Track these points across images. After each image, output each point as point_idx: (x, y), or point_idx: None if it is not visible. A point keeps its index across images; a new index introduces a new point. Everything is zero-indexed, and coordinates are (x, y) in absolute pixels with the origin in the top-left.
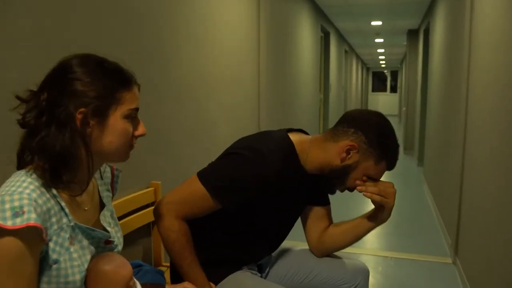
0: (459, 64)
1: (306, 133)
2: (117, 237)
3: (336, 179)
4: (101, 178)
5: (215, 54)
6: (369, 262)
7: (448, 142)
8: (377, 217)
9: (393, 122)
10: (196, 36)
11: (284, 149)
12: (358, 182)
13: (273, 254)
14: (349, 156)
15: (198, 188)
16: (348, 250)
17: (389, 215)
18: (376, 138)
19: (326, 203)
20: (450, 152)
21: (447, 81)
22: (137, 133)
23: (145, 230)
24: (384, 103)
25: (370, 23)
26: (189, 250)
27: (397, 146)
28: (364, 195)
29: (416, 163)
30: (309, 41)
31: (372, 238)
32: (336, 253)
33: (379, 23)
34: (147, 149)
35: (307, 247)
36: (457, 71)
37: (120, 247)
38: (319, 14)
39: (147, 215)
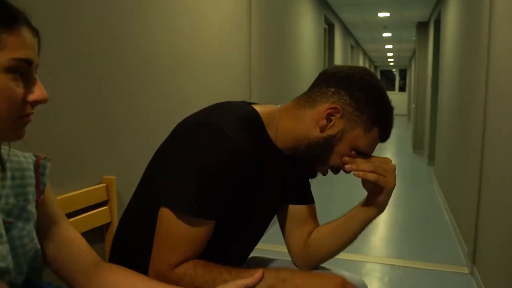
0: (476, 55)
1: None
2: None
3: (316, 156)
4: (2, 169)
5: (197, 35)
6: (375, 271)
7: (464, 139)
8: (372, 203)
9: (402, 121)
10: (171, 12)
11: (246, 120)
12: (345, 158)
13: (250, 265)
14: (331, 123)
15: (175, 222)
16: (349, 257)
17: (388, 199)
18: (365, 98)
19: (309, 201)
20: (466, 150)
21: (462, 74)
22: (31, 97)
23: (97, 234)
24: (392, 102)
25: (377, 14)
26: (213, 268)
27: (391, 108)
28: (355, 174)
29: (426, 162)
30: (310, 32)
31: (378, 244)
32: (328, 264)
33: (387, 14)
34: (100, 137)
35: (288, 257)
36: (474, 63)
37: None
38: (322, 3)
39: (99, 216)
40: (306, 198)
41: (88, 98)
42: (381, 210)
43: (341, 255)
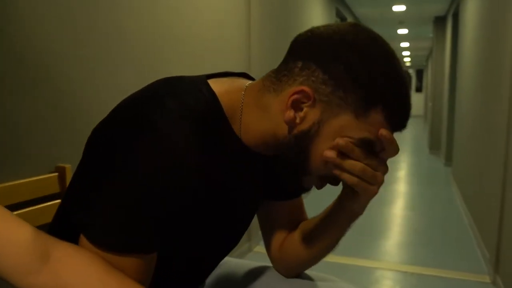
0: (499, 50)
1: (251, 78)
2: None
3: (291, 165)
4: None
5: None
6: (385, 279)
7: (486, 138)
8: (345, 206)
9: (418, 123)
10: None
11: (202, 112)
12: (327, 153)
13: (221, 273)
14: (302, 114)
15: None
16: (357, 262)
17: (365, 205)
18: (347, 70)
19: (292, 195)
20: (488, 149)
21: (484, 71)
22: None
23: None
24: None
25: (392, 8)
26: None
27: (403, 76)
28: (334, 172)
29: (443, 162)
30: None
31: (390, 249)
32: (328, 271)
33: (403, 8)
34: (54, 118)
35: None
36: (496, 58)
37: None
38: None
39: (51, 210)
40: (287, 193)
41: (43, 72)
42: (355, 216)
43: (348, 260)
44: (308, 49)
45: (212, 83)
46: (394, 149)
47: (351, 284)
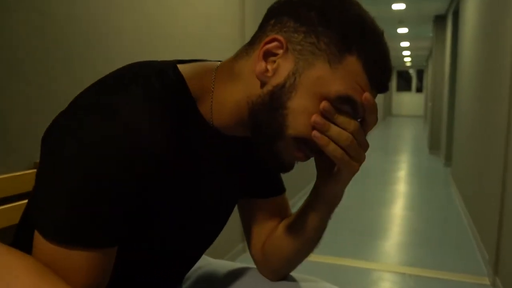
0: (499, 49)
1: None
2: None
3: (266, 128)
4: None
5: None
6: (382, 280)
7: (486, 139)
8: (323, 193)
9: (418, 123)
10: None
11: (165, 96)
12: (315, 118)
13: (201, 274)
14: (274, 66)
15: (47, 250)
16: (353, 263)
17: (343, 189)
18: (318, 15)
19: (273, 193)
20: (488, 150)
21: (484, 70)
22: None
23: None
24: (409, 103)
25: (391, 6)
26: None
27: (375, 27)
28: (313, 137)
29: (443, 163)
30: None
31: (388, 249)
32: (316, 272)
33: (402, 6)
34: (35, 112)
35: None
36: (497, 57)
37: None
38: None
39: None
40: (269, 189)
41: (22, 68)
42: (334, 201)
43: (345, 261)
44: (280, 6)
45: (181, 67)
46: (374, 120)
47: (334, 285)
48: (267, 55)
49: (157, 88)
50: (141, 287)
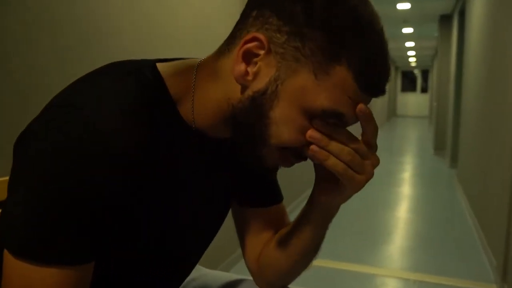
0: (507, 49)
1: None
2: None
3: (248, 134)
4: None
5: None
6: (385, 286)
7: (494, 140)
8: (321, 202)
9: (423, 124)
10: None
11: (140, 96)
12: (310, 133)
13: (196, 286)
14: (254, 69)
15: (14, 267)
16: (355, 268)
17: (344, 202)
18: (305, 11)
19: (268, 202)
20: (495, 151)
21: (491, 69)
22: None
23: None
24: (414, 103)
25: (396, 6)
26: None
27: (372, 22)
28: (310, 154)
29: (448, 164)
30: None
31: (391, 254)
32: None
33: (407, 6)
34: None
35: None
36: (504, 57)
37: None
38: None
39: None
40: (263, 197)
41: (20, 67)
42: (333, 212)
43: (347, 266)
44: None
45: (160, 66)
46: (373, 129)
47: None
48: (247, 55)
49: (130, 89)
50: None
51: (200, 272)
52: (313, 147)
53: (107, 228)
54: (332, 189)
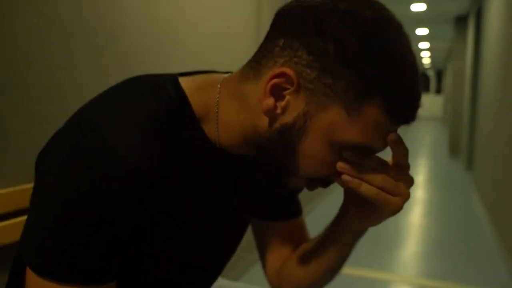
0: None
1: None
2: None
3: (274, 164)
4: None
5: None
6: None
7: None
8: (351, 224)
9: (437, 125)
10: None
11: (162, 115)
12: (342, 165)
13: None
14: (283, 103)
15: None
16: (369, 274)
17: (380, 223)
18: (337, 48)
19: (288, 215)
20: None
21: (510, 71)
22: None
23: None
24: (427, 104)
25: (410, 7)
26: None
27: (411, 57)
28: (342, 182)
29: (464, 167)
30: None
31: (405, 259)
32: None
33: (422, 7)
34: (44, 122)
35: None
36: None
37: None
38: None
39: None
40: (283, 211)
41: (32, 75)
42: (360, 234)
43: (359, 272)
44: (291, 23)
45: (183, 80)
46: (403, 151)
47: None
48: (276, 90)
49: (152, 105)
50: None
51: (221, 283)
52: (344, 177)
53: (128, 246)
54: (368, 212)
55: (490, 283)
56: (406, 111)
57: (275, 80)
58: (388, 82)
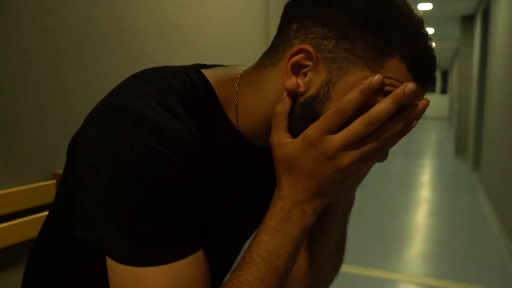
0: None
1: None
2: None
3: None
4: None
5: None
6: None
7: None
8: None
9: (443, 125)
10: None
11: (190, 100)
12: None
13: None
14: (306, 80)
15: (146, 276)
16: (376, 274)
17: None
18: (348, 14)
19: None
20: None
21: None
22: None
23: None
24: (433, 104)
25: (417, 6)
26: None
27: (414, 16)
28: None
29: (470, 167)
30: None
31: (411, 259)
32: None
33: (429, 7)
34: (54, 121)
35: None
36: None
37: None
38: None
39: None
40: None
41: (43, 74)
42: (348, 206)
43: (364, 271)
44: (299, 6)
45: (205, 71)
46: (417, 122)
47: None
48: (296, 67)
49: (185, 93)
50: None
51: None
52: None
53: (198, 211)
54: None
55: (498, 283)
56: (426, 66)
57: (295, 58)
58: (404, 37)
